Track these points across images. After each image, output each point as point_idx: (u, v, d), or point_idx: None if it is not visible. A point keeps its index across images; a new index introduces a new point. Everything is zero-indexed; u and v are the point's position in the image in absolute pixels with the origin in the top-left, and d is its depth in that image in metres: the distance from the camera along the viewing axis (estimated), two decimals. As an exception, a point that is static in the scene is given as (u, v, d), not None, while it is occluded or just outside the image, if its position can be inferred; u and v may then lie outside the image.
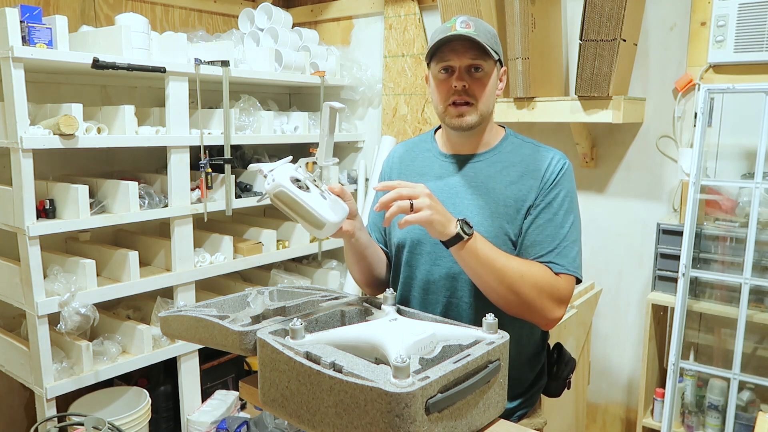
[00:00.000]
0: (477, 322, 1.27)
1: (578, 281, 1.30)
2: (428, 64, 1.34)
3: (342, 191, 1.25)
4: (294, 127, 2.89)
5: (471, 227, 1.18)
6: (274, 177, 1.16)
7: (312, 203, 1.16)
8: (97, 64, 2.03)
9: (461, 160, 1.38)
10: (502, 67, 1.35)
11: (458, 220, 1.17)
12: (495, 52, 1.28)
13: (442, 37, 1.26)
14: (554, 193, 1.30)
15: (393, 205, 1.12)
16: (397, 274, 1.44)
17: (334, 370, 0.95)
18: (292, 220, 1.20)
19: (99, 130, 2.12)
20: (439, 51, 1.28)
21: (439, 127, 1.46)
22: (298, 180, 1.18)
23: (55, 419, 2.01)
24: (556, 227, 1.28)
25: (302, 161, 1.23)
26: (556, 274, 1.26)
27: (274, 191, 1.15)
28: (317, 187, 1.20)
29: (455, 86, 1.28)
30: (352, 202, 1.27)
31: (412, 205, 1.12)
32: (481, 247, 1.19)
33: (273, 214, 3.21)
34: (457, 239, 1.16)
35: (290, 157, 1.27)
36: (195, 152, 2.42)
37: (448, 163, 1.40)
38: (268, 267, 2.95)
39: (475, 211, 1.31)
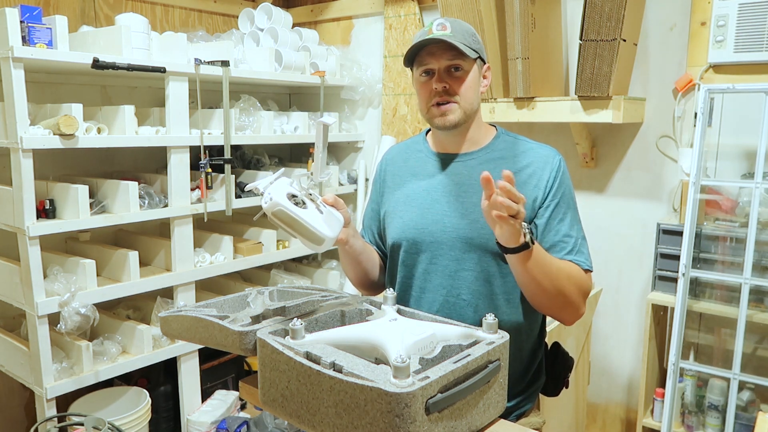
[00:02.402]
0: (476, 321, 1.27)
1: None
2: (411, 69, 1.38)
3: (335, 201, 1.26)
4: (294, 127, 2.89)
5: (534, 233, 1.20)
6: (271, 195, 1.15)
7: (310, 220, 1.16)
8: (97, 64, 2.03)
9: (454, 159, 1.39)
10: (484, 64, 1.37)
11: (525, 226, 1.15)
12: (474, 50, 1.30)
13: (417, 42, 1.29)
14: (560, 192, 1.33)
15: (504, 203, 1.07)
16: (394, 274, 1.45)
17: (334, 370, 0.95)
18: (290, 236, 1.20)
19: (99, 130, 2.12)
20: (419, 55, 1.32)
21: (430, 129, 1.47)
22: (294, 196, 1.18)
23: (55, 419, 2.01)
24: (568, 227, 1.32)
25: (297, 175, 1.23)
26: (583, 269, 1.31)
27: (272, 210, 1.15)
28: (312, 201, 1.21)
29: (435, 88, 1.31)
30: (345, 210, 1.29)
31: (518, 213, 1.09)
32: (542, 256, 1.20)
33: (273, 214, 3.21)
34: (524, 247, 1.15)
35: (283, 170, 1.27)
36: (195, 152, 2.42)
37: (440, 162, 1.41)
38: (268, 267, 2.95)
39: (470, 209, 1.33)
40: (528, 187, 1.32)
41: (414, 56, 1.33)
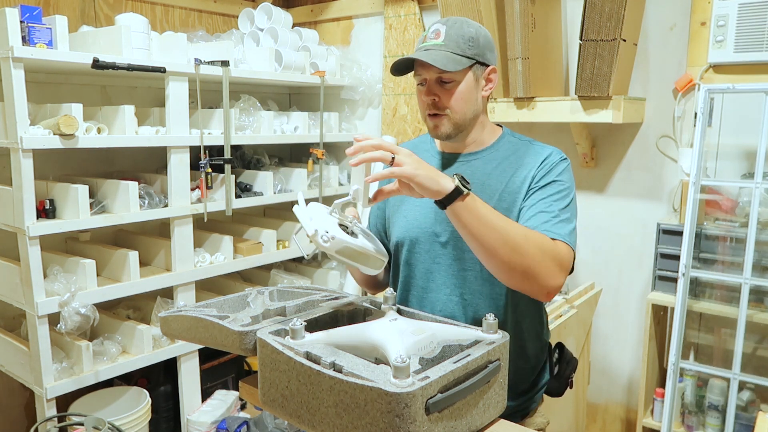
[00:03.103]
0: (477, 321, 1.27)
1: (574, 258, 1.24)
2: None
3: (357, 216, 1.25)
4: (294, 127, 2.89)
5: (469, 182, 1.12)
6: (330, 233, 1.07)
7: (369, 247, 1.13)
8: (97, 64, 2.03)
9: (458, 158, 1.39)
10: (487, 67, 1.32)
11: (455, 174, 1.11)
12: (469, 57, 1.27)
13: (398, 60, 1.29)
14: (550, 177, 1.29)
15: (372, 154, 1.07)
16: (397, 274, 1.45)
17: (334, 370, 0.95)
18: (348, 266, 1.17)
19: (99, 130, 2.12)
20: (414, 63, 1.31)
21: None
22: (344, 226, 1.13)
23: (55, 419, 2.01)
24: (551, 203, 1.25)
25: (336, 204, 1.17)
26: (553, 240, 1.20)
27: (336, 248, 1.09)
28: (352, 224, 1.17)
29: (425, 100, 1.31)
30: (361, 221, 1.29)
31: (393, 159, 1.07)
32: (481, 205, 1.13)
33: (273, 214, 3.21)
34: (456, 194, 1.08)
35: (300, 193, 1.21)
36: (195, 152, 2.42)
37: (445, 161, 1.41)
38: (268, 267, 2.95)
39: None
40: (515, 183, 1.30)
41: (402, 68, 1.32)
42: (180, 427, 2.55)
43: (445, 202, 1.09)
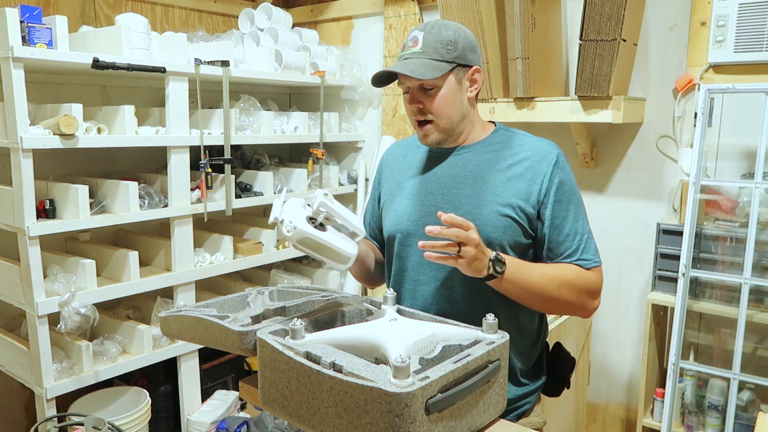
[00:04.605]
0: (469, 313, 1.28)
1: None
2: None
3: (331, 214, 1.26)
4: (294, 127, 2.89)
5: (503, 262, 1.21)
6: (293, 223, 1.12)
7: (334, 242, 1.16)
8: (97, 64, 2.03)
9: (451, 152, 1.40)
10: (470, 68, 1.33)
11: (491, 259, 1.19)
12: (448, 61, 1.28)
13: (377, 72, 1.32)
14: (561, 189, 1.31)
15: (445, 239, 1.14)
16: (390, 267, 1.47)
17: (334, 370, 0.95)
18: (315, 260, 1.18)
19: (99, 130, 2.12)
20: (398, 73, 1.31)
21: None
22: (312, 219, 1.16)
23: (55, 419, 2.01)
24: (571, 223, 1.32)
25: (311, 196, 1.19)
26: (587, 269, 1.32)
27: (297, 238, 1.13)
28: (328, 219, 1.19)
29: (410, 108, 1.35)
30: None
31: (459, 249, 1.14)
32: (518, 277, 1.23)
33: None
34: (492, 277, 1.20)
35: (284, 190, 1.24)
36: (195, 152, 2.42)
37: (437, 156, 1.42)
38: (268, 267, 2.95)
39: (464, 200, 1.33)
40: (523, 181, 1.31)
41: (384, 79, 1.34)
42: (180, 427, 2.55)
43: (485, 279, 1.22)
